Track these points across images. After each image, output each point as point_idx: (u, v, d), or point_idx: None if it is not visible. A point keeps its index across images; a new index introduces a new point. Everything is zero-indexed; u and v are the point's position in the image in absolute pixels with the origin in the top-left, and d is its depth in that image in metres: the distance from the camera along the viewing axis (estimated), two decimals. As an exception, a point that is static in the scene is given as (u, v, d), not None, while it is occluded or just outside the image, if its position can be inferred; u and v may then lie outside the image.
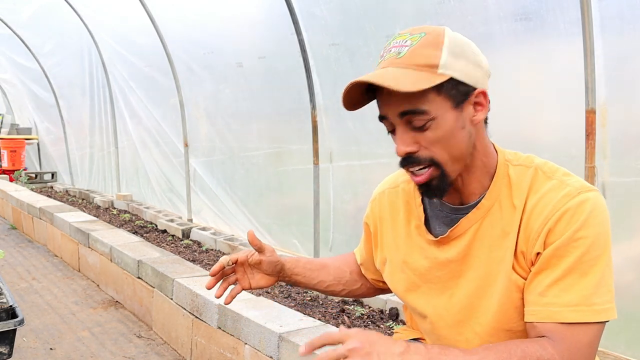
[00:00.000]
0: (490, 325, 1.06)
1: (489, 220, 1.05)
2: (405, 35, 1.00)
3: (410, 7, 3.02)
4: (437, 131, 0.98)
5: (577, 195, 0.97)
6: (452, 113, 0.98)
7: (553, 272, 0.96)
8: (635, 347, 2.20)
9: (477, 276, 1.07)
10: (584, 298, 0.94)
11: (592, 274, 0.94)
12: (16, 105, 10.43)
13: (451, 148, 1.00)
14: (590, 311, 0.93)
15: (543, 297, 0.96)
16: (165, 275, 3.05)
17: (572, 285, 0.95)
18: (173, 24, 5.12)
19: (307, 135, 3.75)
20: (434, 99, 0.97)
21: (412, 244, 1.17)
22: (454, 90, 0.98)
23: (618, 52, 2.21)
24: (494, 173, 1.06)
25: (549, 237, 0.97)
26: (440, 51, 0.97)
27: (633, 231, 2.25)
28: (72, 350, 2.91)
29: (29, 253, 5.16)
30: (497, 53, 2.64)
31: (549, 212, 0.98)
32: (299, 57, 3.65)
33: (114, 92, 6.69)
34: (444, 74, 0.96)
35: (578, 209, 0.96)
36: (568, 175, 1.03)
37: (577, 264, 0.95)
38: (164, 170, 5.90)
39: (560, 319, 0.94)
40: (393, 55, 0.99)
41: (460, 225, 1.07)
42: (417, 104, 0.96)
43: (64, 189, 8.36)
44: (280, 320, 2.28)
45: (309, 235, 3.86)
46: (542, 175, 1.03)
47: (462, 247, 1.07)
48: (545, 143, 2.54)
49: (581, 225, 0.95)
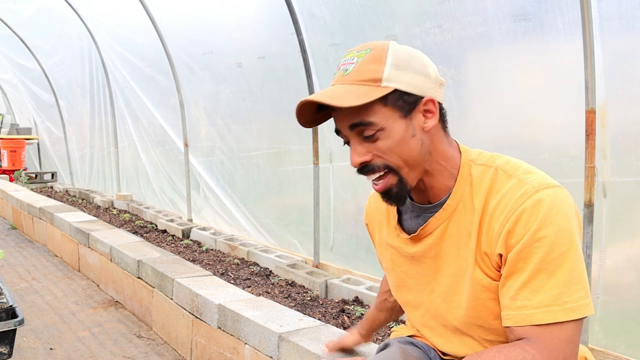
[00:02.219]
0: (464, 320, 1.11)
1: (455, 219, 1.09)
2: (353, 52, 1.06)
3: (410, 7, 3.02)
4: (388, 140, 1.03)
5: (534, 193, 0.98)
6: (401, 122, 1.03)
7: (521, 275, 0.97)
8: (635, 347, 2.20)
9: (450, 273, 1.11)
10: (555, 298, 0.94)
11: (559, 272, 0.95)
12: (16, 105, 10.44)
13: (404, 155, 1.04)
14: (563, 310, 0.94)
15: (515, 300, 0.98)
16: (165, 275, 3.05)
17: (541, 286, 0.95)
18: (173, 24, 5.12)
19: (307, 135, 3.76)
20: (380, 110, 1.02)
21: (394, 243, 1.23)
22: (400, 101, 1.02)
23: (617, 52, 2.21)
24: (457, 174, 1.10)
25: (509, 238, 0.98)
26: (383, 65, 1.02)
27: (633, 231, 2.25)
28: (72, 350, 2.92)
29: (29, 253, 5.16)
30: (497, 53, 2.64)
31: (507, 212, 0.99)
32: (298, 57, 3.65)
33: (114, 92, 6.69)
34: (387, 86, 1.01)
35: (535, 208, 0.96)
36: (529, 172, 1.03)
37: (542, 264, 0.95)
38: (164, 170, 5.91)
39: (533, 321, 0.95)
40: (340, 73, 1.05)
41: (429, 225, 1.12)
42: (364, 116, 1.02)
43: (64, 189, 8.36)
44: (280, 320, 2.28)
45: (309, 235, 3.86)
46: (503, 174, 1.04)
47: (433, 244, 1.13)
48: (545, 143, 2.54)
49: (540, 225, 0.95)
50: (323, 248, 3.78)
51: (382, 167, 1.05)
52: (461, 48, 2.77)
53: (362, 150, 1.05)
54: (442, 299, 1.14)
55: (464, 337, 1.14)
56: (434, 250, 1.13)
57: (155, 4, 5.07)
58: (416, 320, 1.26)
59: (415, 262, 1.18)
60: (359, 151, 1.05)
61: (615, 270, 2.24)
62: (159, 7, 5.08)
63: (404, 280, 1.23)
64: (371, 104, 1.01)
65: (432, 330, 1.22)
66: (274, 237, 4.34)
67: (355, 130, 1.04)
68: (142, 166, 6.32)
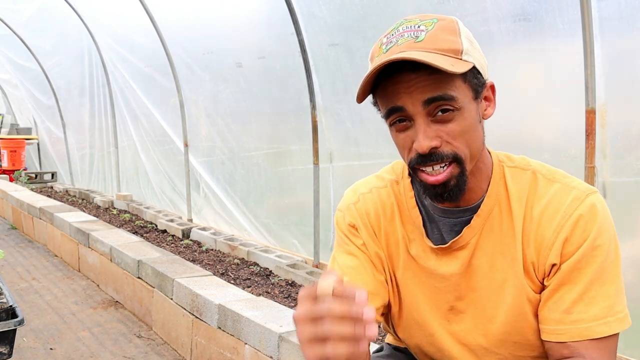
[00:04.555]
0: (497, 337, 1.00)
1: (489, 225, 0.98)
2: (415, 20, 0.91)
3: (410, 7, 3.02)
4: (462, 123, 0.89)
5: (586, 198, 0.92)
6: (474, 104, 0.91)
7: (576, 286, 0.91)
8: (635, 347, 2.20)
9: (481, 286, 1.00)
10: (609, 308, 0.90)
11: (610, 281, 0.91)
12: (16, 105, 10.43)
13: (473, 143, 0.91)
14: (616, 321, 0.90)
15: (569, 314, 0.91)
16: (165, 275, 3.05)
17: (595, 297, 0.90)
18: (173, 24, 5.12)
19: (306, 135, 3.75)
20: (461, 86, 0.88)
21: (410, 253, 1.05)
22: (475, 80, 0.90)
23: (617, 52, 2.21)
24: (490, 175, 0.99)
25: (566, 246, 0.91)
26: (459, 38, 0.89)
27: (633, 231, 2.25)
28: (72, 350, 2.91)
29: (29, 253, 5.16)
30: (496, 53, 2.64)
31: (561, 218, 0.92)
32: (298, 57, 3.65)
33: (114, 92, 6.69)
34: (467, 60, 0.88)
35: (591, 214, 0.91)
36: (568, 177, 0.97)
37: (597, 274, 0.90)
38: (164, 171, 5.90)
39: (591, 335, 0.90)
40: (409, 39, 0.88)
41: (463, 236, 0.98)
42: (447, 90, 0.86)
43: (64, 189, 8.36)
44: (280, 320, 2.28)
45: (309, 235, 3.86)
46: (542, 178, 0.96)
47: (465, 258, 0.99)
48: (545, 143, 2.54)
49: (598, 232, 0.90)
50: (323, 248, 3.77)
51: (450, 156, 0.89)
52: (461, 48, 2.77)
53: (432, 132, 0.88)
54: (469, 315, 1.01)
55: (490, 356, 1.02)
56: (465, 265, 0.99)
57: (155, 4, 5.06)
58: (422, 340, 1.09)
59: (434, 277, 1.02)
60: (430, 134, 0.88)
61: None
62: (159, 7, 5.08)
63: (411, 301, 1.06)
64: (453, 78, 0.86)
65: (442, 352, 1.06)
66: (274, 237, 4.34)
67: (430, 106, 0.87)
68: (142, 166, 6.32)
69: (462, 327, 1.02)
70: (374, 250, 1.07)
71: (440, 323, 1.04)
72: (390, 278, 1.08)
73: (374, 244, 1.07)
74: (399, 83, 0.88)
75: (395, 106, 0.89)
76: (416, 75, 0.86)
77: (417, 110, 0.88)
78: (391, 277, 1.08)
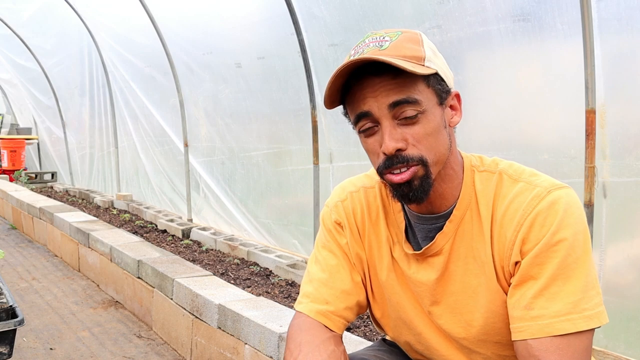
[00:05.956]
0: (478, 338, 1.01)
1: (462, 231, 1.00)
2: (381, 33, 0.96)
3: (409, 7, 3.02)
4: (427, 126, 0.92)
5: (547, 195, 0.91)
6: (438, 109, 0.95)
7: (536, 283, 0.90)
8: (635, 347, 2.20)
9: (455, 290, 1.01)
10: (574, 305, 0.87)
11: (576, 278, 0.88)
12: (16, 105, 10.44)
13: (437, 147, 0.94)
14: (582, 318, 0.87)
15: (529, 310, 0.90)
16: (165, 275, 3.06)
17: (557, 292, 0.88)
18: (173, 24, 5.12)
19: (306, 135, 3.76)
20: (424, 90, 0.93)
21: (392, 256, 1.09)
22: (439, 86, 0.94)
23: (616, 52, 2.21)
24: (462, 181, 1.01)
25: (525, 244, 0.91)
26: (421, 47, 0.94)
27: (633, 231, 2.25)
28: (72, 350, 2.92)
29: (29, 253, 5.17)
30: (496, 54, 2.64)
31: (520, 217, 0.92)
32: (298, 58, 3.65)
33: (114, 92, 6.70)
34: (430, 67, 0.93)
35: (550, 209, 0.90)
36: (535, 175, 0.97)
37: (560, 270, 0.88)
38: (164, 171, 5.91)
39: (552, 331, 0.87)
40: (374, 48, 0.93)
41: (436, 242, 1.01)
42: (411, 93, 0.91)
43: (64, 189, 8.36)
44: (280, 320, 2.28)
45: (309, 235, 3.86)
46: (508, 179, 0.97)
47: (441, 264, 1.01)
48: (545, 143, 2.54)
49: (557, 227, 0.89)
50: (323, 248, 3.77)
51: (416, 159, 0.92)
52: (460, 48, 2.77)
53: (397, 135, 0.92)
54: (446, 318, 1.04)
55: (474, 355, 1.05)
56: (440, 271, 1.02)
57: (155, 4, 5.07)
58: (409, 339, 1.13)
59: (412, 282, 1.06)
60: (395, 136, 0.92)
61: (615, 270, 2.24)
62: (159, 7, 5.08)
63: (398, 302, 1.09)
64: (416, 82, 0.91)
65: (430, 350, 1.10)
66: (274, 237, 4.34)
67: (395, 109, 0.91)
68: (142, 166, 6.32)
69: (444, 329, 1.05)
70: (356, 250, 1.12)
71: (425, 323, 1.08)
72: (370, 279, 1.12)
73: (357, 244, 1.12)
74: (365, 88, 0.93)
75: (362, 112, 0.94)
76: (380, 80, 0.91)
77: (383, 114, 0.92)
78: (369, 278, 1.12)
